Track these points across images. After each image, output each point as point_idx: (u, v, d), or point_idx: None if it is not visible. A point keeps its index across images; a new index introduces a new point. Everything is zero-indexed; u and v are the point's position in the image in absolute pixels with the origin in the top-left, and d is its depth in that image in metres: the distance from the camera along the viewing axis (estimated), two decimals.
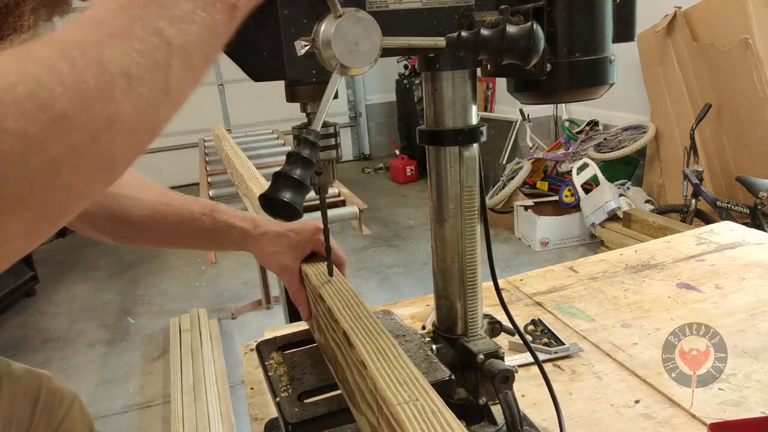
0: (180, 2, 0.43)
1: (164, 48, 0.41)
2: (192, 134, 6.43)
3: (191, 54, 0.43)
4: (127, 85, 0.39)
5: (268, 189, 0.53)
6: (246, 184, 1.86)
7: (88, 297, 4.26)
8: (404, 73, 6.81)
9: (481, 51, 0.55)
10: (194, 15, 0.43)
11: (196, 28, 0.43)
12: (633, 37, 0.65)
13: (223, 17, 0.45)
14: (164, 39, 0.41)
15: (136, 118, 0.40)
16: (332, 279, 0.81)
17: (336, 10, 0.54)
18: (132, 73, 0.39)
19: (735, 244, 1.46)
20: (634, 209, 3.97)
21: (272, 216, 0.54)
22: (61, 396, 1.05)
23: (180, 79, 0.43)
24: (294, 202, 0.52)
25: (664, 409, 0.89)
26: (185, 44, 0.43)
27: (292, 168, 0.53)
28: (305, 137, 0.55)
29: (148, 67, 0.40)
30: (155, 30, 0.41)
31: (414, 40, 0.59)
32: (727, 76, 3.65)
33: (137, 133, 0.41)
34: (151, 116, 0.42)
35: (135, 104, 0.40)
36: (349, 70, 0.56)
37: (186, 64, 0.43)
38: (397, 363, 0.60)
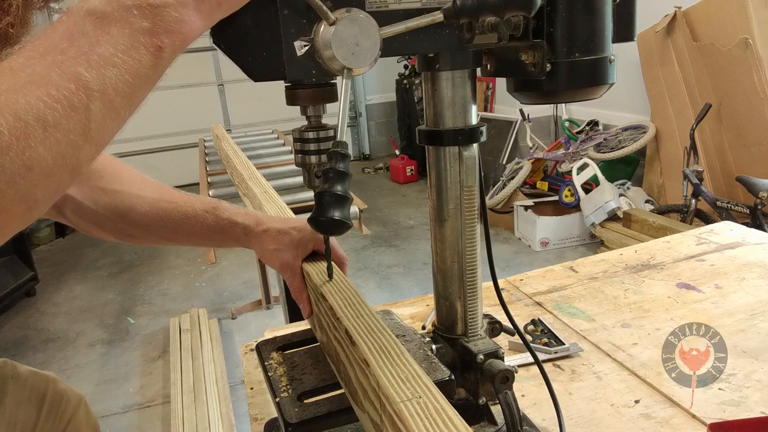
0: (100, 47, 0.43)
1: (81, 93, 0.42)
2: (192, 134, 6.45)
3: (112, 97, 0.44)
4: (42, 132, 0.40)
5: (315, 211, 0.55)
6: (246, 184, 1.86)
7: (88, 297, 4.26)
8: (404, 73, 6.81)
9: (481, 12, 0.55)
10: (115, 59, 0.43)
11: (117, 72, 0.43)
12: (633, 37, 0.65)
13: (148, 60, 0.45)
14: (82, 84, 0.42)
15: (53, 162, 0.41)
16: (333, 278, 0.81)
17: (328, 18, 0.54)
18: (48, 120, 0.40)
19: (735, 244, 1.46)
20: (634, 209, 3.97)
21: (324, 234, 0.56)
22: (67, 398, 1.05)
23: (100, 122, 0.43)
24: (344, 218, 0.55)
25: (663, 409, 0.89)
26: (104, 88, 0.43)
27: (332, 184, 0.55)
28: (336, 150, 0.56)
29: (64, 112, 0.41)
30: (73, 75, 0.41)
31: (411, 22, 0.59)
32: (727, 76, 3.65)
33: (56, 175, 0.42)
34: (69, 159, 0.43)
35: (52, 149, 0.41)
36: (355, 70, 0.56)
37: (107, 108, 0.44)
38: (400, 361, 0.60)
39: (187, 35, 0.47)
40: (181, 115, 6.78)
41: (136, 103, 0.47)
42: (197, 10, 0.47)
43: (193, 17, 0.47)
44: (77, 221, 0.91)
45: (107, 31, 0.43)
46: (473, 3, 0.54)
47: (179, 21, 0.46)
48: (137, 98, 0.47)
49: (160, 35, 0.45)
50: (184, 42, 0.48)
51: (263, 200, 1.56)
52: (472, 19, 0.56)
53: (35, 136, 0.39)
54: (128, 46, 0.44)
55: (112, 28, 0.43)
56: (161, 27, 0.45)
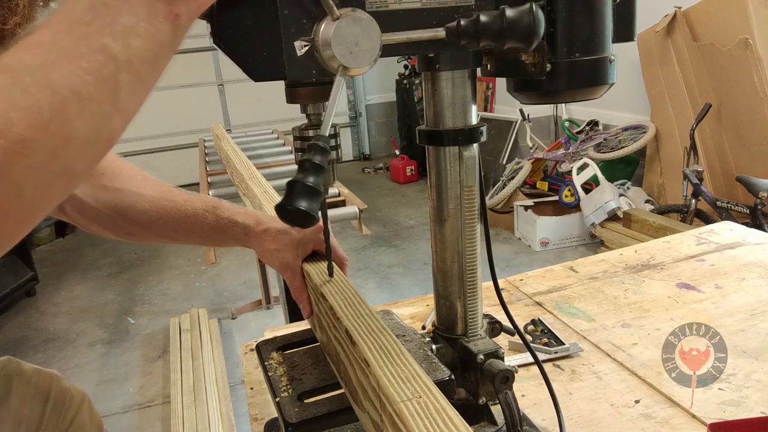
0: (122, 17, 0.44)
1: (111, 64, 0.43)
2: (192, 134, 6.45)
3: (138, 67, 0.45)
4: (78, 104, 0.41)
5: (283, 198, 0.54)
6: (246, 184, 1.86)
7: (88, 297, 4.26)
8: (404, 73, 6.81)
9: (482, 37, 0.55)
10: (137, 28, 0.44)
11: (141, 41, 0.44)
12: (633, 37, 0.65)
13: (167, 27, 0.46)
14: (110, 55, 0.43)
15: (90, 133, 0.42)
16: (334, 278, 0.81)
17: (333, 13, 0.54)
18: (82, 92, 0.41)
19: (735, 244, 1.46)
20: (634, 209, 3.97)
21: (290, 224, 0.55)
22: (71, 396, 1.05)
23: (129, 91, 0.45)
24: (310, 210, 0.53)
25: (664, 409, 0.89)
26: (131, 58, 0.44)
27: (306, 175, 0.54)
28: (315, 143, 0.56)
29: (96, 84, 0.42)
30: (100, 47, 0.42)
31: (413, 34, 0.59)
32: (727, 76, 3.65)
33: (93, 146, 0.44)
34: (104, 130, 0.44)
35: (88, 121, 0.42)
36: (352, 70, 0.56)
37: (134, 77, 0.45)
38: (400, 360, 0.60)
39: (201, 3, 0.48)
40: (181, 115, 6.78)
41: (159, 71, 0.48)
42: None
43: None
44: (78, 218, 0.92)
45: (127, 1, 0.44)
46: (475, 29, 0.54)
47: None
48: (160, 67, 0.48)
49: (176, 3, 0.46)
50: (199, 9, 0.49)
51: (263, 200, 1.56)
52: (473, 43, 0.56)
53: (72, 109, 0.40)
54: (148, 14, 0.45)
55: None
56: None
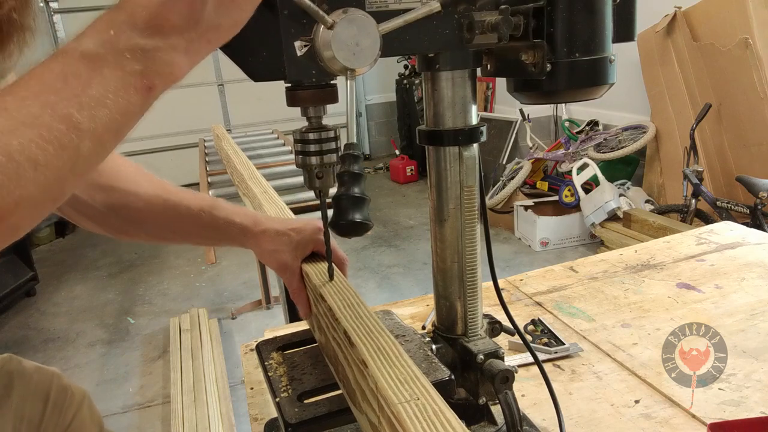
0: (91, 88, 0.44)
1: (72, 134, 0.43)
2: (192, 134, 6.45)
3: (101, 135, 0.45)
4: (33, 171, 0.41)
5: (334, 215, 0.56)
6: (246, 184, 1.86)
7: (88, 297, 4.26)
8: (404, 73, 6.81)
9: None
10: (106, 99, 0.44)
11: (108, 112, 0.45)
12: (633, 37, 0.65)
13: (137, 99, 0.46)
14: (73, 125, 0.43)
15: (40, 196, 0.43)
16: (333, 279, 0.81)
17: (325, 22, 0.54)
18: (38, 160, 0.42)
19: (735, 244, 1.46)
20: (634, 209, 3.97)
21: (347, 237, 0.57)
22: (71, 393, 1.05)
23: (88, 158, 0.45)
24: (364, 219, 0.56)
25: (664, 409, 0.89)
26: (95, 127, 0.44)
27: (348, 187, 0.56)
28: (348, 153, 0.57)
29: (55, 152, 0.42)
30: (64, 117, 0.43)
31: (409, 15, 0.59)
32: (727, 76, 3.65)
33: (41, 206, 0.44)
34: (55, 192, 0.44)
35: (40, 185, 0.42)
36: (358, 70, 0.56)
37: (95, 144, 0.45)
38: (398, 362, 0.60)
39: (177, 76, 0.49)
40: (181, 115, 6.77)
41: (123, 136, 0.48)
42: (186, 52, 0.49)
43: (183, 59, 0.49)
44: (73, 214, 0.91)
45: (100, 72, 0.44)
46: None
47: (170, 63, 0.48)
48: (124, 133, 0.48)
49: (151, 77, 0.47)
50: (173, 81, 0.49)
51: (263, 200, 1.56)
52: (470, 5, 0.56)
53: (26, 176, 0.41)
54: (119, 87, 0.45)
55: (104, 70, 0.45)
56: (152, 69, 0.47)
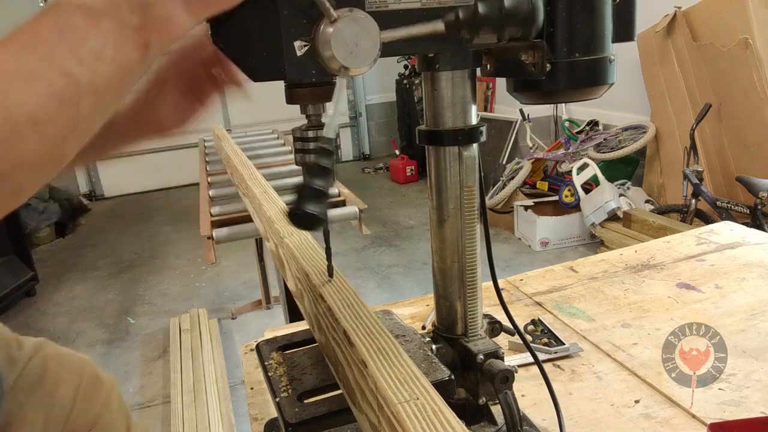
0: (89, 41, 0.42)
1: (72, 88, 0.42)
2: (192, 134, 6.44)
3: (101, 92, 0.44)
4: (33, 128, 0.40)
5: (293, 203, 0.55)
6: (246, 184, 1.86)
7: (88, 297, 4.26)
8: (404, 73, 6.81)
9: (482, 27, 0.55)
10: (104, 53, 0.43)
11: (106, 67, 0.43)
12: (633, 37, 0.65)
13: (135, 55, 0.45)
14: (72, 79, 0.41)
15: (42, 155, 0.41)
16: (332, 279, 0.81)
17: (330, 15, 0.54)
18: (38, 116, 0.40)
19: (735, 244, 1.46)
20: (634, 209, 3.98)
21: (299, 228, 0.56)
22: (101, 382, 1.04)
23: (89, 116, 0.44)
24: (320, 213, 0.54)
25: (664, 409, 0.89)
26: (94, 83, 0.43)
27: (312, 179, 0.55)
28: (321, 146, 0.56)
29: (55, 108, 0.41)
30: (63, 70, 0.41)
31: (413, 29, 0.59)
32: (727, 76, 3.65)
33: (44, 168, 0.43)
34: (57, 152, 0.43)
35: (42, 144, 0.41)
36: (353, 70, 0.56)
37: (95, 102, 0.43)
38: (398, 362, 0.60)
39: (174, 32, 0.47)
40: None
41: (123, 96, 0.47)
42: (185, 8, 0.47)
43: (182, 15, 0.47)
44: None
45: (97, 25, 0.43)
46: (474, 19, 0.55)
47: (167, 18, 0.46)
48: (123, 93, 0.47)
49: (148, 31, 0.45)
50: (171, 39, 0.48)
51: (263, 200, 1.56)
52: (473, 33, 0.56)
53: (26, 132, 0.39)
54: (117, 41, 0.44)
55: (102, 22, 0.43)
56: (150, 23, 0.45)
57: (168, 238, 5.37)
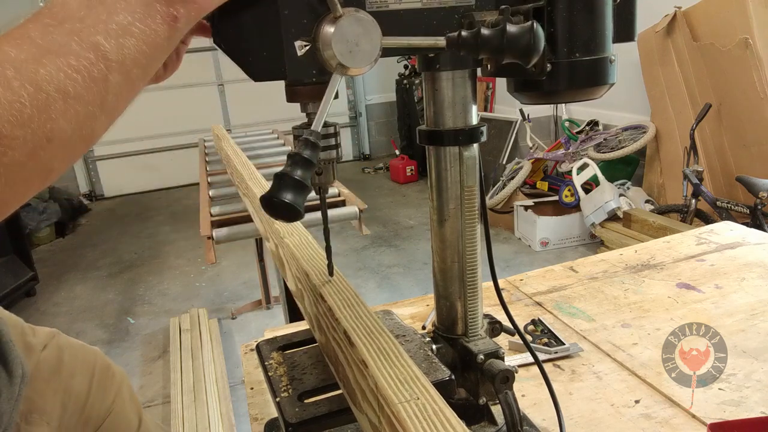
0: (117, 15, 0.42)
1: (101, 63, 0.41)
2: (192, 134, 6.45)
3: (129, 68, 0.43)
4: (63, 103, 0.39)
5: (269, 190, 0.53)
6: (246, 184, 1.86)
7: (88, 297, 4.26)
8: (404, 73, 6.82)
9: (482, 50, 0.55)
10: (132, 28, 0.43)
11: (135, 42, 0.43)
12: (633, 37, 0.65)
13: (163, 29, 0.44)
14: (101, 54, 0.41)
15: (72, 132, 0.41)
16: (332, 279, 0.81)
17: (336, 11, 0.54)
18: (68, 91, 0.39)
19: (735, 244, 1.46)
20: (634, 209, 3.98)
21: (273, 217, 0.54)
22: (113, 373, 1.05)
23: (117, 92, 0.43)
24: (295, 203, 0.52)
25: (664, 409, 0.89)
26: (123, 58, 0.42)
27: (293, 169, 0.53)
28: (306, 138, 0.55)
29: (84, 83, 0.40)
30: (92, 45, 0.41)
31: (414, 40, 0.59)
32: (727, 76, 3.65)
33: (73, 146, 0.42)
34: (86, 129, 0.42)
35: (71, 120, 0.40)
36: (350, 69, 0.56)
37: (124, 78, 0.43)
38: (398, 362, 0.60)
39: (202, 5, 0.47)
40: (181, 115, 6.79)
41: (150, 73, 0.47)
42: None
43: None
44: None
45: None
46: (475, 42, 0.55)
47: None
48: (151, 69, 0.46)
49: (175, 4, 0.45)
50: (199, 12, 0.47)
51: None
52: (473, 54, 0.56)
53: (56, 107, 0.39)
54: (145, 14, 0.43)
55: None
56: None
57: (168, 238, 5.37)
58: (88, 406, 0.97)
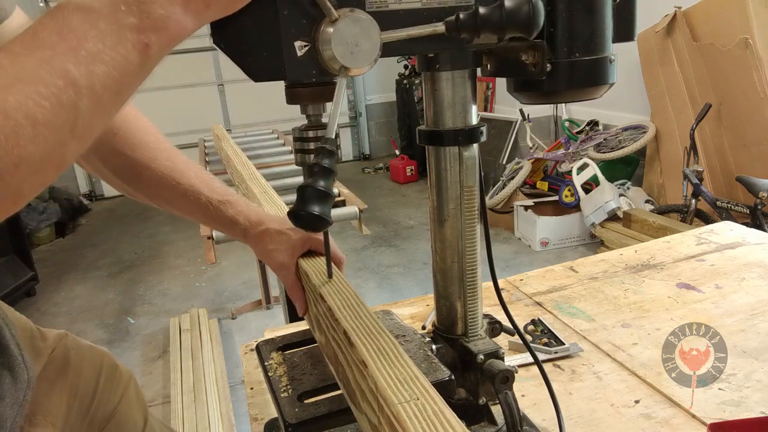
0: (88, 42, 0.43)
1: (70, 90, 0.42)
2: (192, 134, 6.45)
3: (100, 94, 0.44)
4: (32, 130, 0.40)
5: (295, 204, 0.54)
6: (246, 184, 1.86)
7: (88, 297, 4.26)
8: (404, 73, 6.81)
9: (482, 29, 0.55)
10: (103, 55, 0.43)
11: (105, 68, 0.43)
12: (633, 37, 0.65)
13: (135, 57, 0.45)
14: (70, 81, 0.42)
15: (40, 157, 0.41)
16: (332, 279, 0.81)
17: (331, 15, 0.54)
18: (37, 118, 0.40)
19: (735, 244, 1.46)
20: (634, 209, 3.98)
21: (303, 229, 0.56)
22: (120, 373, 1.05)
23: (88, 118, 0.44)
24: (323, 213, 0.53)
25: (664, 409, 0.89)
26: (93, 85, 0.43)
27: (315, 179, 0.54)
28: (322, 147, 0.56)
29: (53, 110, 0.41)
30: (61, 72, 0.41)
31: (413, 30, 0.59)
32: (727, 76, 3.65)
33: (43, 170, 0.43)
34: (56, 154, 0.43)
35: (40, 146, 0.41)
36: (352, 70, 0.56)
37: (94, 104, 0.44)
38: (398, 362, 0.60)
39: (174, 33, 0.47)
40: (181, 115, 6.78)
41: (123, 99, 0.47)
42: (185, 9, 0.47)
43: (181, 15, 0.47)
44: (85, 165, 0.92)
45: (95, 26, 0.43)
46: (474, 21, 0.54)
47: (166, 18, 0.46)
48: (124, 95, 0.47)
49: (147, 32, 0.45)
50: (172, 40, 0.47)
51: (263, 200, 1.56)
52: (473, 35, 0.56)
53: (25, 134, 0.40)
54: (116, 42, 0.44)
55: (100, 23, 0.43)
56: (148, 24, 0.45)
57: (168, 238, 5.37)
58: (94, 406, 0.97)
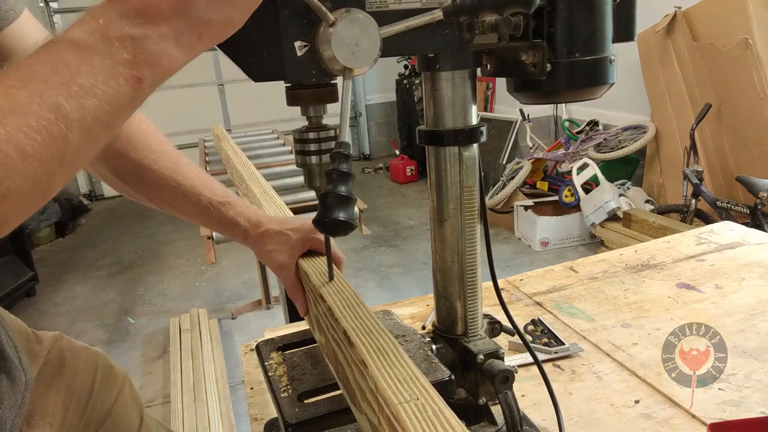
0: (80, 77, 0.43)
1: (61, 123, 0.42)
2: (192, 134, 6.44)
3: (90, 126, 0.44)
4: (21, 162, 0.41)
5: (319, 212, 0.55)
6: (246, 184, 1.86)
7: (88, 297, 4.26)
8: (404, 73, 6.81)
9: (482, 10, 0.55)
10: (95, 89, 0.44)
11: (97, 102, 0.44)
12: (633, 37, 0.65)
13: (127, 90, 0.45)
14: (61, 114, 0.42)
15: (28, 188, 0.42)
16: (333, 279, 0.81)
17: (327, 19, 0.54)
18: (27, 150, 0.41)
19: (735, 244, 1.46)
20: (634, 209, 3.98)
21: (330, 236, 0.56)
22: (115, 374, 1.06)
23: (77, 150, 0.44)
24: (348, 219, 0.54)
25: (664, 409, 0.89)
26: (83, 118, 0.43)
27: (335, 185, 0.55)
28: (338, 152, 0.56)
29: (43, 142, 0.42)
30: (52, 106, 0.42)
31: (411, 21, 0.59)
32: (727, 76, 3.65)
33: (30, 200, 0.43)
34: (44, 185, 0.44)
35: (28, 177, 0.42)
36: (356, 70, 0.56)
37: (84, 136, 0.44)
38: (398, 362, 0.60)
39: (167, 67, 0.48)
40: (181, 115, 6.78)
41: (114, 130, 0.48)
42: (177, 43, 0.48)
43: (173, 50, 0.48)
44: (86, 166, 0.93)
45: (89, 61, 0.44)
46: (473, 1, 0.54)
47: (159, 53, 0.47)
48: (115, 126, 0.47)
49: (140, 67, 0.46)
50: (165, 74, 0.48)
51: (263, 200, 1.56)
52: (472, 17, 0.56)
53: (14, 166, 0.40)
54: (108, 76, 0.44)
55: (93, 58, 0.44)
56: (141, 59, 0.46)
57: (168, 238, 5.37)
58: (90, 406, 0.98)
